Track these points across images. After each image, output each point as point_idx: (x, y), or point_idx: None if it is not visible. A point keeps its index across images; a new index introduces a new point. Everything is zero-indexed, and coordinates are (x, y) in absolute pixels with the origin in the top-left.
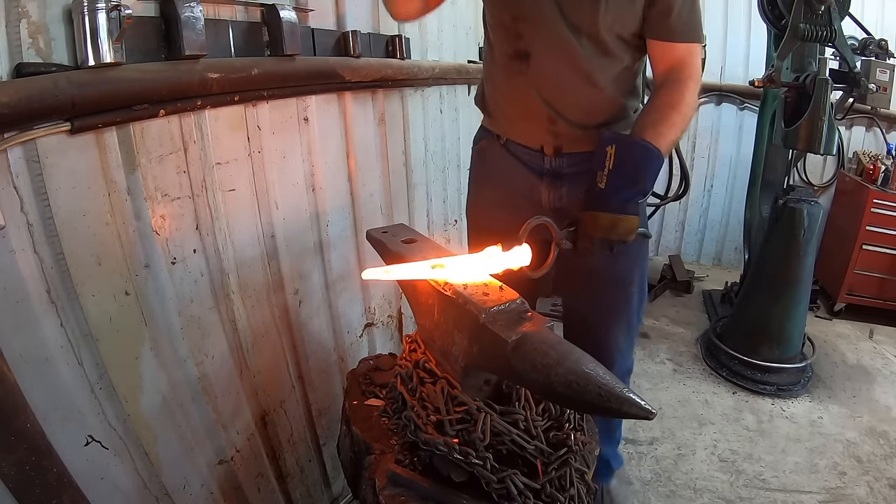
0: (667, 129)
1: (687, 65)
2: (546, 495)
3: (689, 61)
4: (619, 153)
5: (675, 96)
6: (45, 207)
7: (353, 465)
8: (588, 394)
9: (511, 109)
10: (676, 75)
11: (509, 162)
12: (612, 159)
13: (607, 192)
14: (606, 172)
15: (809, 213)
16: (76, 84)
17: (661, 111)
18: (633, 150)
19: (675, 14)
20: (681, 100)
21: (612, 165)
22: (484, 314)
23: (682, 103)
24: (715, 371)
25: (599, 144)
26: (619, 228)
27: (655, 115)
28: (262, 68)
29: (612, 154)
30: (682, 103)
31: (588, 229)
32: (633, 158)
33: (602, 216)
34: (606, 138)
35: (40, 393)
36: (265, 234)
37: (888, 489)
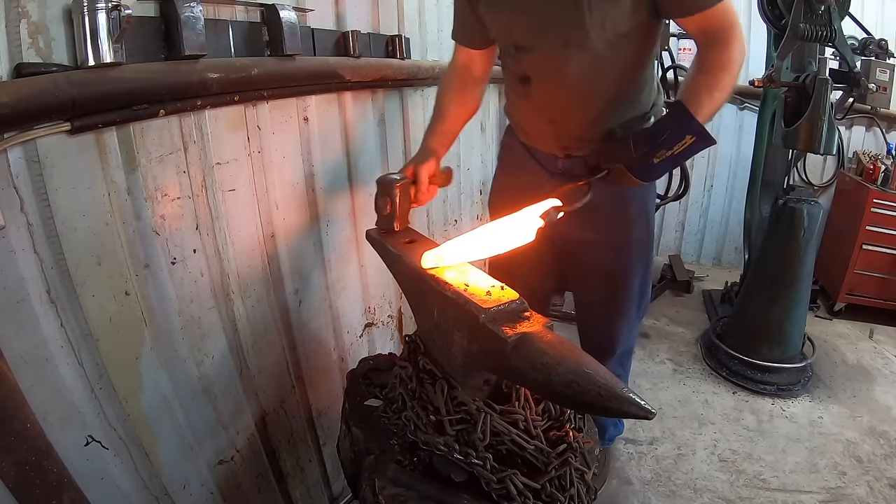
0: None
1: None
2: (546, 495)
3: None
4: (693, 145)
5: (722, 57)
6: (45, 207)
7: (353, 465)
8: (588, 393)
9: (523, 123)
10: (714, 36)
11: (526, 158)
12: (683, 147)
13: (655, 169)
14: (668, 154)
15: (809, 213)
16: (76, 84)
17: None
18: (701, 146)
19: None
20: (728, 59)
21: (680, 151)
22: (484, 314)
23: (730, 62)
24: (715, 371)
25: (680, 124)
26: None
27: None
28: (262, 68)
29: (688, 144)
30: (730, 62)
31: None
32: (696, 151)
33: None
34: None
35: (40, 393)
36: (265, 234)
37: (888, 489)
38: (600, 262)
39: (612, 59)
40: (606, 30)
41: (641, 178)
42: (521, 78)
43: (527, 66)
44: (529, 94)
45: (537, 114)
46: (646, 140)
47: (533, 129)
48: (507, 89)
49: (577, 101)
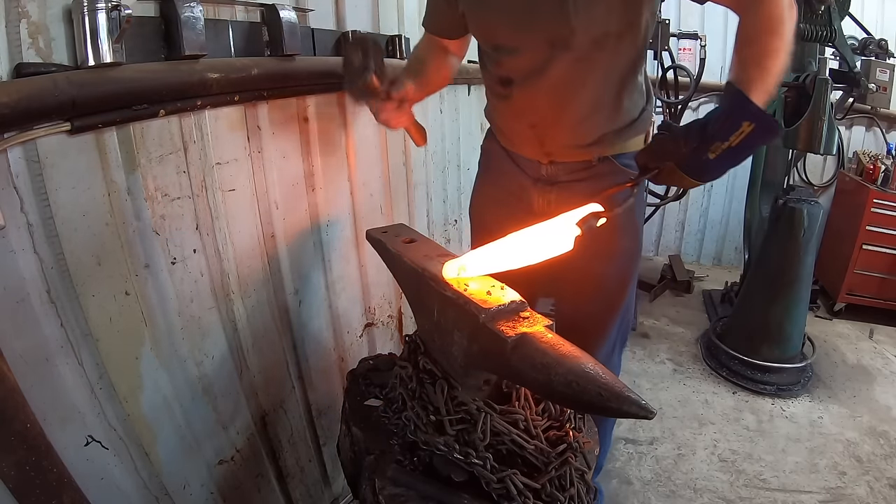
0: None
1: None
2: (546, 495)
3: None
4: (753, 134)
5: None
6: (45, 207)
7: (353, 465)
8: (588, 393)
9: (504, 127)
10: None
11: (508, 163)
12: (742, 138)
13: (712, 167)
14: (726, 147)
15: (809, 213)
16: (76, 84)
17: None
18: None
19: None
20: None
21: (736, 142)
22: (484, 314)
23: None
24: (715, 371)
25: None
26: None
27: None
28: (262, 68)
29: (746, 132)
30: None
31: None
32: (758, 140)
33: (689, 181)
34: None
35: (40, 393)
36: (265, 234)
37: (888, 489)
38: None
39: (598, 60)
40: (593, 28)
41: (697, 178)
42: (501, 80)
43: (508, 68)
44: (511, 96)
45: (519, 118)
46: (697, 132)
47: (514, 133)
48: (487, 91)
49: (560, 105)
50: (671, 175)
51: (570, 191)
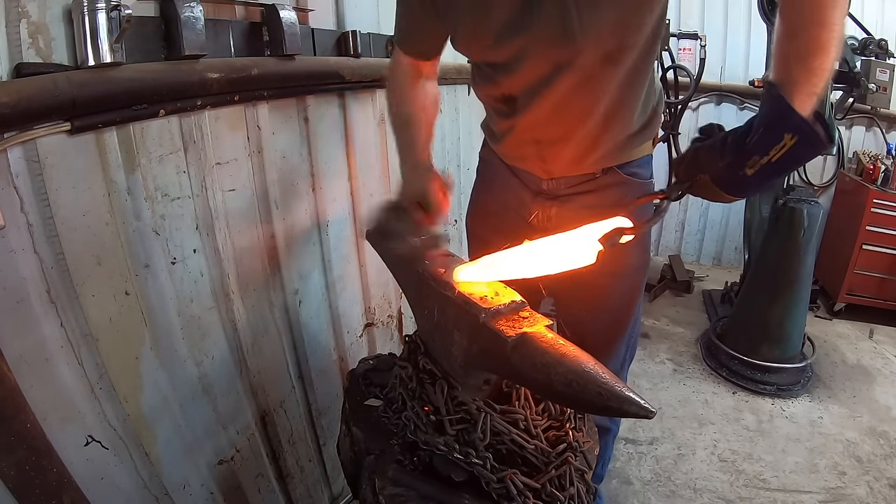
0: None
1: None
2: (546, 495)
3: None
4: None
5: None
6: (45, 207)
7: (353, 465)
8: (588, 393)
9: (504, 143)
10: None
11: (507, 175)
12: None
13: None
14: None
15: (809, 213)
16: (76, 84)
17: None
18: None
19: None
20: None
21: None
22: (484, 314)
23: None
24: (715, 371)
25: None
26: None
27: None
28: (262, 68)
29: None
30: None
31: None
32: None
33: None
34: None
35: (40, 393)
36: (265, 234)
37: (888, 489)
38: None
39: (608, 75)
40: (602, 45)
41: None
42: (502, 98)
43: (508, 87)
44: (514, 114)
45: (520, 135)
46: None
47: (514, 148)
48: (485, 104)
49: (569, 123)
50: (705, 188)
51: (572, 204)
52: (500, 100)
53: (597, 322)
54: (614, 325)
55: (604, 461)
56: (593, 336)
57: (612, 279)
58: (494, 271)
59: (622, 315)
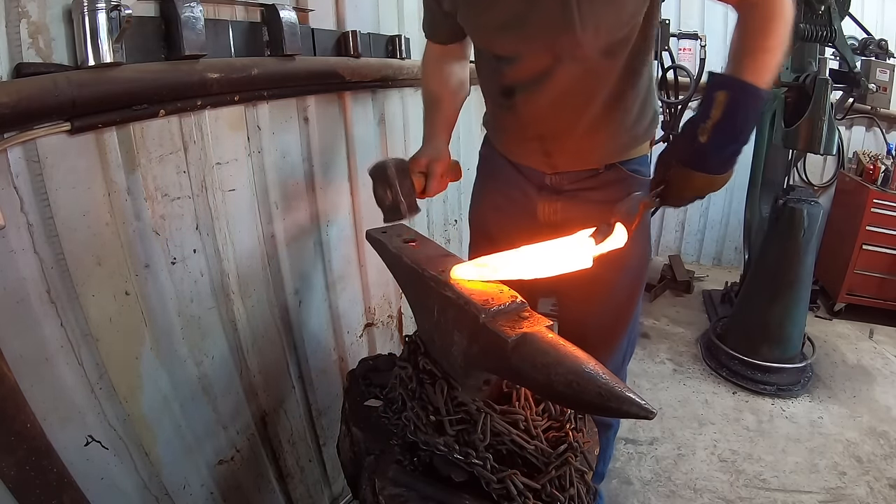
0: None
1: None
2: (546, 495)
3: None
4: (730, 101)
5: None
6: (45, 207)
7: (353, 465)
8: (588, 393)
9: (506, 138)
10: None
11: (509, 171)
12: (722, 108)
13: (709, 149)
14: (712, 124)
15: (809, 213)
16: (76, 84)
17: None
18: (744, 97)
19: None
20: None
21: (719, 116)
22: (484, 314)
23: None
24: (715, 371)
25: (708, 88)
26: (713, 187)
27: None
28: (262, 68)
29: (721, 101)
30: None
31: (680, 189)
32: (743, 107)
33: (698, 177)
34: (715, 81)
35: (40, 393)
36: (265, 234)
37: (888, 489)
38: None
39: (607, 68)
40: (601, 38)
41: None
42: (504, 90)
43: (510, 78)
44: (514, 107)
45: (523, 129)
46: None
47: (517, 144)
48: (487, 99)
49: (568, 115)
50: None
51: (577, 199)
52: (502, 92)
53: (600, 316)
54: (617, 318)
55: (605, 459)
56: (596, 329)
57: (615, 272)
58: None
59: (625, 308)
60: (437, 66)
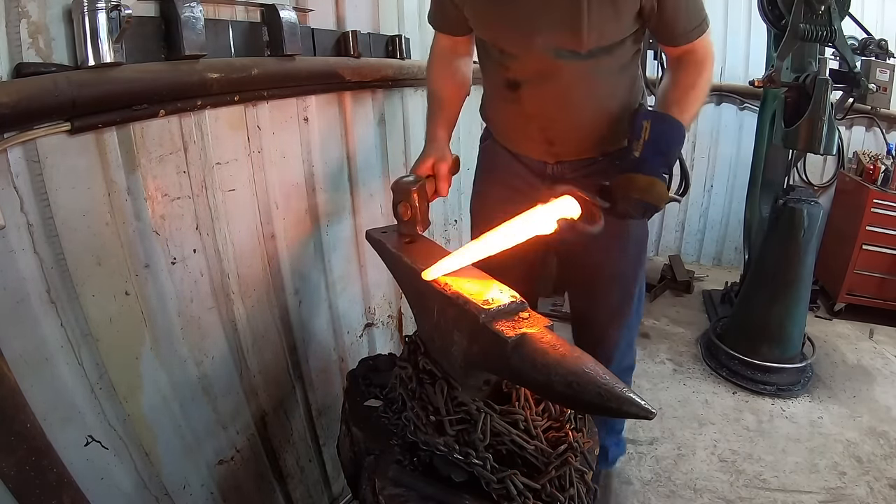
0: (690, 107)
1: (697, 50)
2: (546, 495)
3: (700, 46)
4: (653, 126)
5: (693, 77)
6: (45, 207)
7: (353, 465)
8: (588, 393)
9: (509, 130)
10: (690, 58)
11: (512, 163)
12: (648, 132)
13: (642, 159)
14: (642, 142)
15: (809, 213)
16: (76, 84)
17: (681, 90)
18: (665, 126)
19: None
20: (698, 80)
21: (647, 136)
22: (484, 314)
23: (699, 83)
24: (715, 371)
25: (636, 119)
26: (653, 191)
27: (679, 94)
28: (262, 68)
29: (647, 127)
30: (699, 83)
31: (625, 190)
32: (665, 132)
33: (639, 177)
34: (642, 114)
35: (40, 393)
36: (265, 234)
37: (888, 489)
38: (599, 263)
39: (605, 65)
40: (602, 39)
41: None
42: (508, 83)
43: (515, 72)
44: (519, 100)
45: (527, 121)
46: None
47: (520, 135)
48: (490, 92)
49: (571, 108)
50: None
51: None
52: (506, 85)
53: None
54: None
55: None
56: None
57: (618, 255)
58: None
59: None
60: (443, 63)
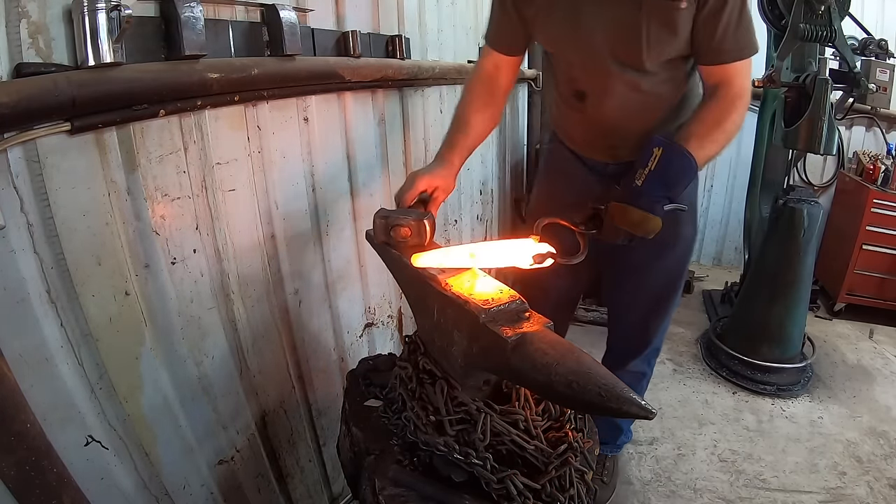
0: (709, 144)
1: (734, 82)
2: (546, 495)
3: (737, 79)
4: (664, 157)
5: (723, 113)
6: (45, 207)
7: (353, 466)
8: (588, 393)
9: (575, 135)
10: (725, 91)
11: (575, 163)
12: (656, 161)
13: (642, 190)
14: (647, 171)
15: (809, 213)
16: (76, 84)
17: (707, 125)
18: (676, 158)
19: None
20: (727, 117)
21: (653, 167)
22: (484, 314)
23: (727, 121)
24: (715, 371)
25: (647, 144)
26: (645, 225)
27: (702, 128)
28: (262, 68)
29: (657, 156)
30: (727, 121)
31: (616, 220)
32: (674, 166)
33: (632, 211)
34: (655, 140)
35: (40, 393)
36: (265, 234)
37: (888, 489)
38: (650, 262)
39: (665, 78)
40: (661, 56)
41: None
42: (575, 93)
43: (583, 84)
44: (584, 109)
45: (591, 127)
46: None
47: (584, 139)
48: (557, 99)
49: (631, 118)
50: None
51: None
52: (574, 96)
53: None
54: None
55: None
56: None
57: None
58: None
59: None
60: (482, 90)
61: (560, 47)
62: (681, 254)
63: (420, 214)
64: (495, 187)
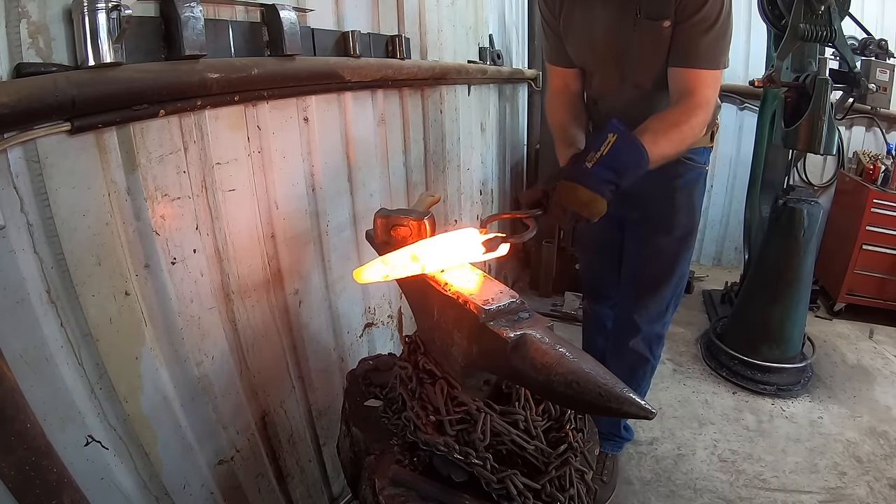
0: (664, 142)
1: (698, 91)
2: (546, 495)
3: (702, 89)
4: (616, 144)
5: (682, 117)
6: (45, 207)
7: (353, 466)
8: (588, 393)
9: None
10: (688, 99)
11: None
12: (609, 146)
13: (591, 172)
14: (599, 155)
15: (809, 213)
16: (76, 84)
17: (665, 123)
18: (628, 146)
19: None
20: (686, 121)
21: (605, 151)
22: (484, 314)
23: (686, 125)
24: (715, 371)
25: (604, 129)
26: (591, 207)
27: (660, 125)
28: (262, 68)
29: (611, 142)
30: (686, 125)
31: (563, 199)
32: (625, 154)
33: (581, 190)
34: (611, 126)
35: (40, 393)
36: (265, 234)
37: (888, 489)
38: (648, 240)
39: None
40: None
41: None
42: (591, 98)
43: (595, 90)
44: (598, 112)
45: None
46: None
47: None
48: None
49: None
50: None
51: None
52: (590, 99)
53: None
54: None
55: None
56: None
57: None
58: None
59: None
60: (560, 99)
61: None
62: (677, 239)
63: (420, 214)
64: (495, 187)
